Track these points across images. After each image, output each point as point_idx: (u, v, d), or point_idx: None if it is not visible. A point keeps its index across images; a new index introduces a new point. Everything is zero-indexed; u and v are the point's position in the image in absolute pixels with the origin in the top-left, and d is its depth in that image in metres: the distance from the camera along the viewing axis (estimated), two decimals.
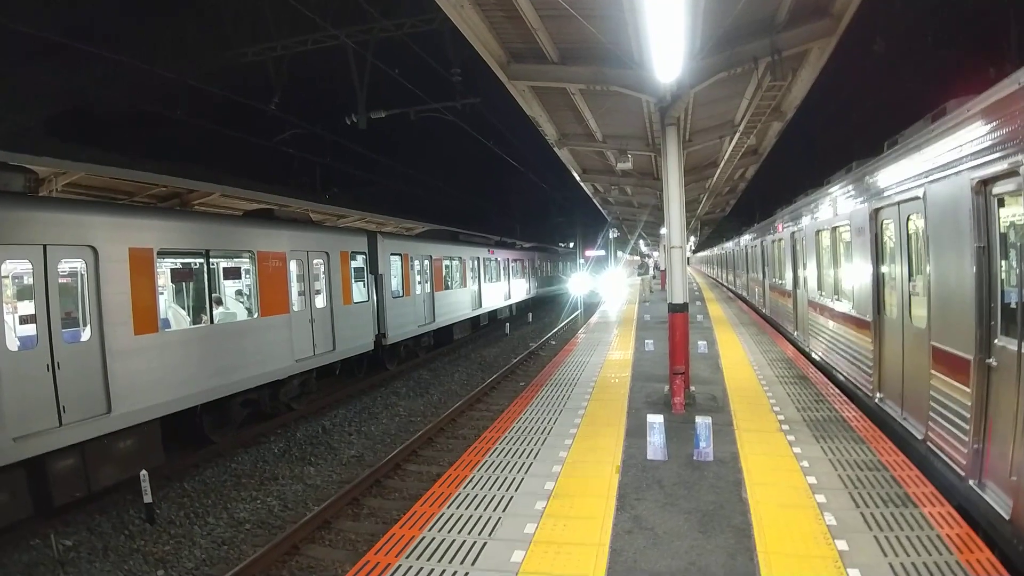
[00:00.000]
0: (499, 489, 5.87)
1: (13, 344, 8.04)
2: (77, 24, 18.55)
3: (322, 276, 14.84)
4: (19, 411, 7.66)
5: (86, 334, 8.86)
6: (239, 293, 13.21)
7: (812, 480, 5.65)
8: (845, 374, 9.56)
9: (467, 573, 4.35)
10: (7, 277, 8.29)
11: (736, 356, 12.05)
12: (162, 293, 10.57)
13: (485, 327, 28.69)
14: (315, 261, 14.51)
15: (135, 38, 19.27)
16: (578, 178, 18.34)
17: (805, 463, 6.09)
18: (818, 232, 11.38)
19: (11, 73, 18.65)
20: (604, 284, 41.01)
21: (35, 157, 9.41)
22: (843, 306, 9.61)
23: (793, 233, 13.97)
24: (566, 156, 15.00)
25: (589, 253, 51.97)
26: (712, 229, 48.29)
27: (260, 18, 17.52)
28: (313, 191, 26.43)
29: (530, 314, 33.85)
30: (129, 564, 7.47)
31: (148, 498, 8.48)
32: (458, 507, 5.50)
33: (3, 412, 7.45)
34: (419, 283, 20.77)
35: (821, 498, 5.24)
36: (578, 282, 38.06)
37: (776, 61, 7.82)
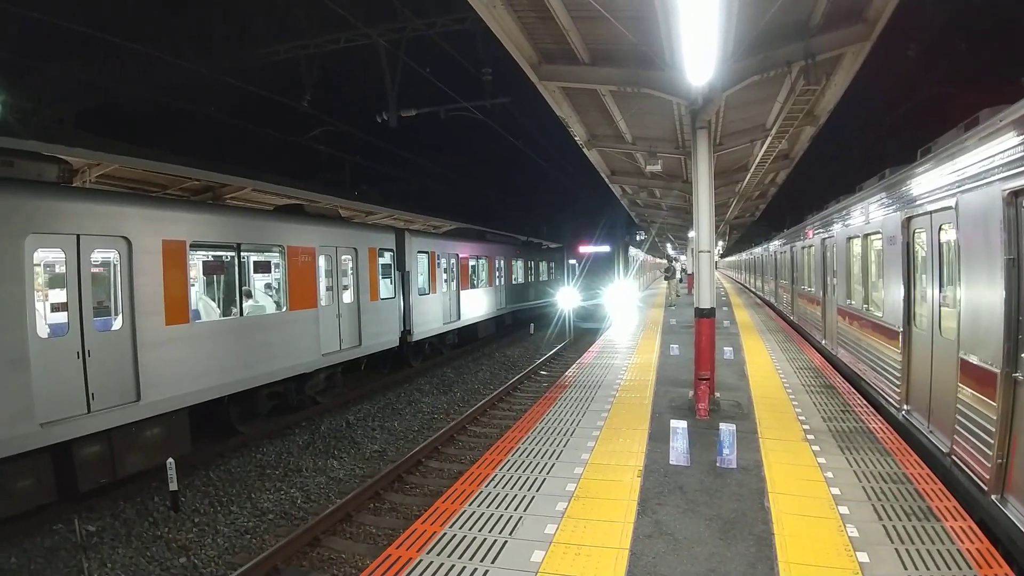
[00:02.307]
0: (520, 489, 5.89)
1: (43, 331, 8.21)
2: (109, 19, 18.86)
3: (350, 272, 14.99)
4: (47, 397, 7.80)
5: (117, 323, 9.05)
6: (268, 287, 13.39)
7: (836, 491, 5.59)
8: (873, 385, 9.42)
9: (487, 571, 4.37)
10: (39, 265, 8.45)
11: (762, 363, 11.92)
12: (193, 285, 10.74)
13: (509, 327, 28.70)
14: (343, 257, 14.65)
15: (167, 34, 19.55)
16: (606, 179, 18.28)
17: (829, 474, 6.02)
18: (849, 239, 11.22)
19: (44, 67, 19.03)
20: (613, 297, 28.37)
21: (69, 148, 9.61)
22: (873, 315, 9.47)
23: (824, 240, 13.79)
24: (595, 157, 14.96)
25: (585, 250, 32.20)
26: (741, 234, 47.75)
27: (292, 16, 17.75)
28: (342, 188, 26.70)
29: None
30: (152, 551, 7.60)
31: (174, 486, 8.63)
32: (479, 505, 5.53)
33: (31, 398, 7.61)
34: (445, 281, 20.87)
35: (844, 509, 5.18)
36: (566, 296, 27.54)
37: (810, 65, 7.74)
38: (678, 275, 29.94)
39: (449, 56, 15.09)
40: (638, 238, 37.75)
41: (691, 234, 26.92)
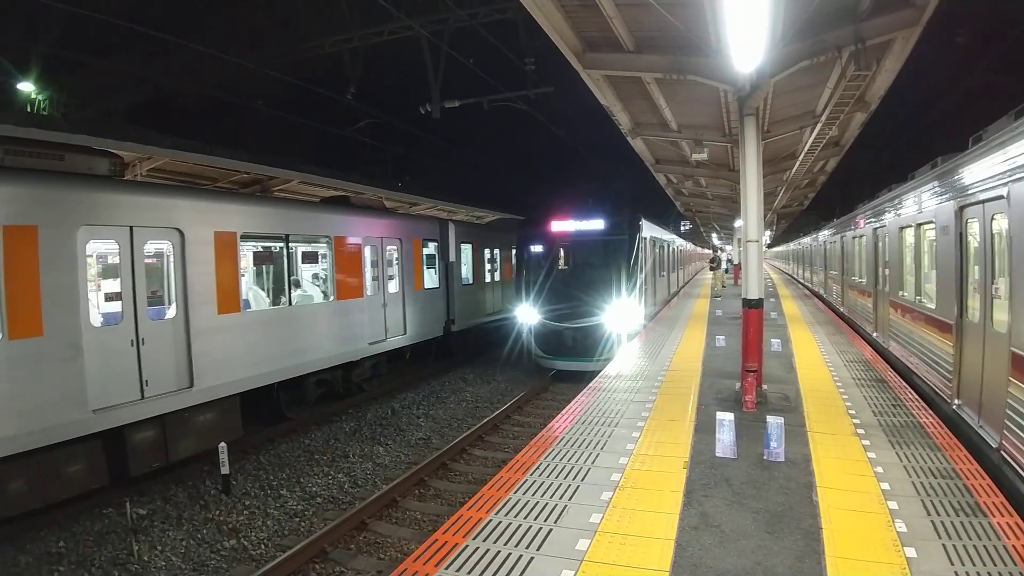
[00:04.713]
0: (565, 478, 5.91)
1: (96, 320, 8.51)
2: (158, 15, 19.30)
3: (395, 262, 15.18)
4: (100, 384, 8.07)
5: (171, 312, 9.34)
6: (316, 277, 13.67)
7: (885, 486, 5.47)
8: (924, 379, 9.18)
9: (532, 558, 4.41)
10: (91, 256, 8.72)
11: (811, 356, 11.69)
12: (244, 275, 11.01)
13: None
14: (388, 247, 14.84)
15: (216, 29, 19.98)
16: (651, 168, 18.10)
17: (879, 469, 5.89)
18: (902, 229, 10.92)
19: (94, 62, 19.58)
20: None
21: (120, 142, 9.87)
22: (925, 307, 9.22)
23: (876, 229, 13.43)
24: (639, 146, 14.80)
25: (560, 227, 16.41)
26: (789, 223, 46.72)
27: (337, 10, 17.94)
28: (386, 179, 26.96)
29: None
30: (203, 533, 7.85)
31: (225, 469, 8.89)
32: (524, 493, 5.58)
33: (84, 385, 7.86)
34: (489, 271, 20.94)
35: (893, 504, 5.08)
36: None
37: (860, 50, 7.53)
38: (723, 265, 29.47)
39: (492, 46, 15.11)
40: (682, 228, 33.91)
41: (737, 223, 26.50)
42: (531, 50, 16.36)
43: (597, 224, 16.08)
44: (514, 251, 18.20)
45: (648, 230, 17.41)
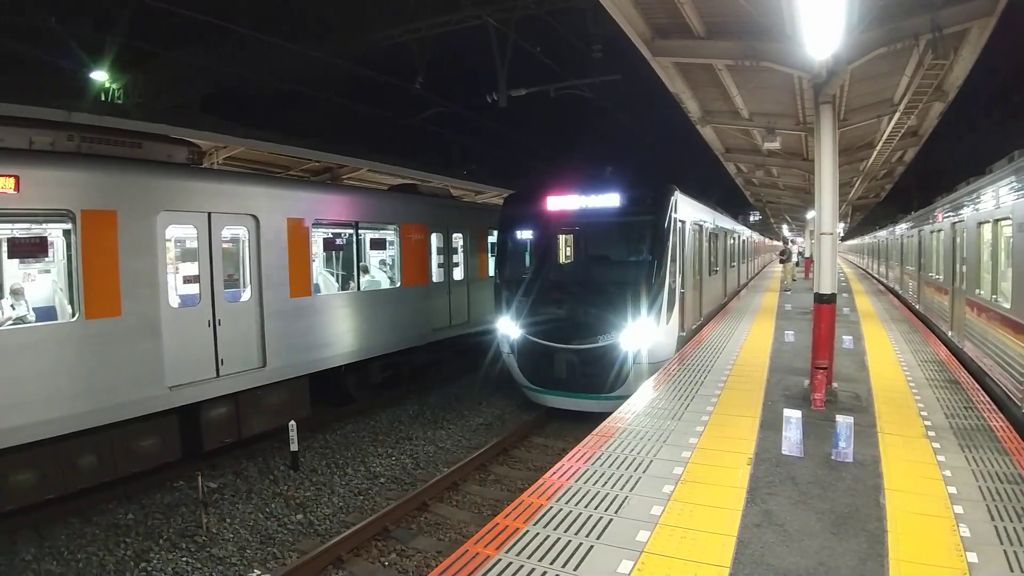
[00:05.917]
0: (626, 469, 5.91)
1: (175, 301, 8.89)
2: (227, 6, 19.76)
3: (460, 250, 15.34)
4: (177, 362, 8.44)
5: (246, 295, 9.71)
6: (383, 263, 13.96)
7: (953, 490, 5.28)
8: (997, 380, 8.78)
9: (592, 546, 4.45)
10: (170, 240, 9.10)
11: (884, 354, 11.29)
12: (314, 260, 11.34)
13: None
14: (454, 235, 15.02)
15: (285, 20, 20.48)
16: (720, 158, 17.73)
17: (948, 472, 5.68)
18: (979, 225, 10.41)
19: (167, 53, 20.26)
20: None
21: (196, 131, 10.27)
22: (1000, 307, 8.80)
23: (954, 224, 12.84)
24: (709, 135, 14.52)
25: (558, 205, 11.97)
26: (864, 216, 44.97)
27: (406, 0, 18.15)
28: (452, 167, 27.17)
29: None
30: (271, 507, 8.17)
31: (294, 447, 9.26)
32: (585, 482, 5.60)
33: (161, 363, 8.24)
34: None
35: (959, 509, 4.92)
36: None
37: (937, 38, 7.21)
38: (794, 258, 28.66)
39: (558, 34, 15.04)
40: (751, 218, 33.35)
41: (810, 215, 25.70)
42: (598, 37, 16.19)
43: (610, 200, 11.56)
44: (496, 237, 13.83)
45: (689, 210, 13.24)
